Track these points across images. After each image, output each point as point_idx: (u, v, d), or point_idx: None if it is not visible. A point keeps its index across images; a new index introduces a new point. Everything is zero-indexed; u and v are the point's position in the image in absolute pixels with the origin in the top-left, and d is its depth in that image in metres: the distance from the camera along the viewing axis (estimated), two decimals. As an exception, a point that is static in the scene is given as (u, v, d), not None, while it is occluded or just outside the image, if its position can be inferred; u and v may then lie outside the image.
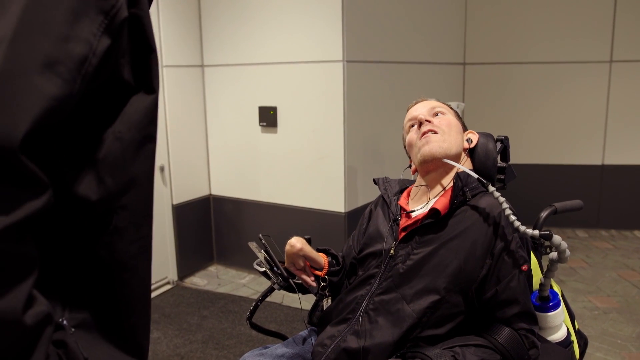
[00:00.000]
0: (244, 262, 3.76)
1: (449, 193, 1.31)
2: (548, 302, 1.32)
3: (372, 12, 3.30)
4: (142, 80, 0.73)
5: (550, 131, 4.58)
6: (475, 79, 4.61)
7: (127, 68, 0.70)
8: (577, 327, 1.56)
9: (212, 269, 3.88)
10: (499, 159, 1.54)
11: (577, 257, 3.97)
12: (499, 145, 1.51)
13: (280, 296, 3.29)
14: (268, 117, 3.43)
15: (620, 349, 2.68)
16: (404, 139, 1.51)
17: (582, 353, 1.53)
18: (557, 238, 1.17)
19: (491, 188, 1.23)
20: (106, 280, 0.77)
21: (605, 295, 3.32)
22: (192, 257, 3.75)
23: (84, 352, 0.75)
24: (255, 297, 3.35)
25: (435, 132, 1.38)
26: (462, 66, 4.56)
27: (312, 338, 1.47)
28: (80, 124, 0.69)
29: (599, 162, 4.53)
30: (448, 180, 1.36)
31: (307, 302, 1.89)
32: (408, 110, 1.52)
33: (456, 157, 1.37)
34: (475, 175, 1.27)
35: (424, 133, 1.39)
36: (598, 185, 4.56)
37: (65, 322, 0.73)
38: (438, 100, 1.52)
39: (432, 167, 1.38)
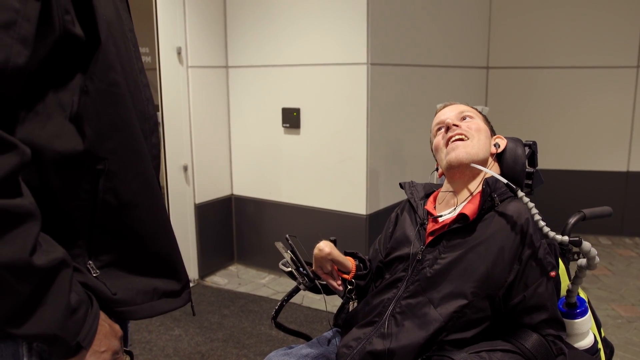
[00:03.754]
0: (265, 262, 3.79)
1: (477, 198, 1.31)
2: (575, 308, 1.31)
3: (396, 15, 3.30)
4: (90, 32, 0.76)
5: (574, 137, 4.53)
6: (499, 83, 4.57)
7: (76, 24, 0.75)
8: (603, 334, 1.55)
9: (233, 268, 3.91)
10: (526, 164, 1.54)
11: (601, 264, 3.92)
12: (527, 150, 1.51)
13: (300, 297, 3.30)
14: (291, 119, 3.45)
15: (645, 358, 2.64)
16: (431, 142, 1.51)
17: (608, 360, 1.52)
18: (586, 244, 1.16)
19: (520, 193, 1.23)
20: (120, 221, 0.83)
21: (630, 304, 3.27)
22: (213, 256, 3.79)
23: (111, 289, 0.82)
24: (275, 297, 3.37)
25: (463, 139, 1.38)
26: (485, 70, 4.54)
27: (337, 339, 1.48)
28: (47, 84, 0.74)
29: (624, 169, 4.47)
30: (475, 185, 1.36)
31: (331, 304, 1.90)
32: (436, 113, 1.52)
33: (483, 162, 1.37)
34: (505, 180, 1.27)
35: (451, 138, 1.39)
36: (622, 192, 4.49)
37: (91, 265, 0.81)
38: (467, 104, 1.52)
39: (459, 173, 1.38)
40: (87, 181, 0.78)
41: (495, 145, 1.44)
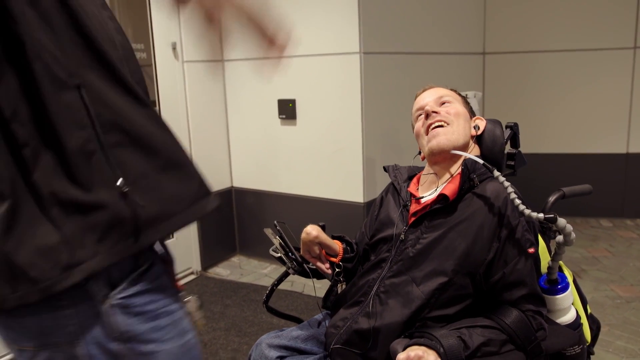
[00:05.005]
0: (266, 252, 3.78)
1: (457, 179, 1.34)
2: (557, 285, 1.34)
3: (388, 3, 3.32)
4: None
5: (573, 120, 4.53)
6: (496, 68, 4.57)
7: None
8: (589, 311, 1.58)
9: (235, 259, 3.95)
10: (509, 145, 1.56)
11: (601, 246, 3.93)
12: (508, 131, 1.53)
13: (302, 285, 3.34)
14: (287, 110, 3.48)
15: (642, 337, 2.67)
16: (413, 127, 1.54)
17: (594, 337, 1.55)
18: (561, 221, 1.19)
19: (496, 173, 1.26)
20: (122, 131, 0.79)
21: (629, 284, 3.29)
22: (215, 248, 3.84)
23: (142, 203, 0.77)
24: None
25: (443, 125, 1.41)
26: (481, 56, 4.54)
27: (327, 321, 1.52)
28: None
29: (623, 151, 4.46)
30: (456, 168, 1.39)
31: (322, 289, 1.94)
32: (416, 97, 1.55)
33: (464, 146, 1.40)
34: (481, 161, 1.30)
35: (431, 125, 1.42)
36: (622, 174, 4.49)
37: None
38: (447, 87, 1.55)
39: (440, 157, 1.41)
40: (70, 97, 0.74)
41: (475, 127, 1.47)
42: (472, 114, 1.50)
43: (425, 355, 1.10)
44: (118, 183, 0.75)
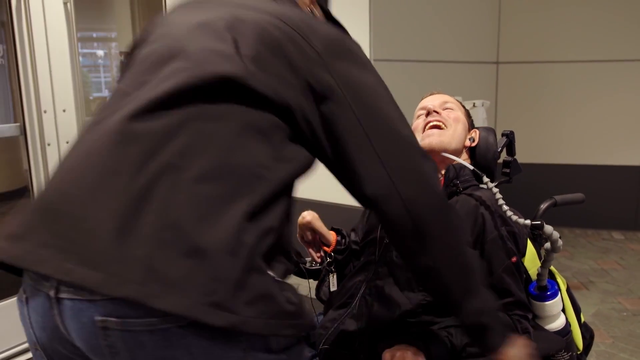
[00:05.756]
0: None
1: (441, 183, 1.35)
2: (546, 291, 1.34)
3: (400, 10, 3.34)
4: None
5: (587, 131, 4.49)
6: (510, 78, 4.56)
7: None
8: (583, 319, 1.57)
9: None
10: (504, 153, 1.57)
11: (611, 259, 3.90)
12: (504, 139, 1.55)
13: (295, 285, 3.36)
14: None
15: (647, 350, 2.64)
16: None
17: (587, 346, 1.55)
18: (548, 228, 1.20)
19: (485, 179, 1.27)
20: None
21: (636, 297, 3.25)
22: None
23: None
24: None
25: (440, 127, 1.43)
26: (495, 65, 4.53)
27: (318, 322, 1.54)
28: None
29: (637, 163, 4.42)
30: (444, 172, 1.41)
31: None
32: (422, 100, 1.58)
33: (455, 152, 1.41)
34: (471, 167, 1.31)
35: (428, 123, 1.44)
36: (637, 187, 4.44)
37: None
38: (453, 97, 1.58)
39: None
40: None
41: (470, 139, 1.49)
42: (471, 126, 1.52)
43: (410, 355, 1.12)
44: None
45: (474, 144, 1.48)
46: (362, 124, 0.87)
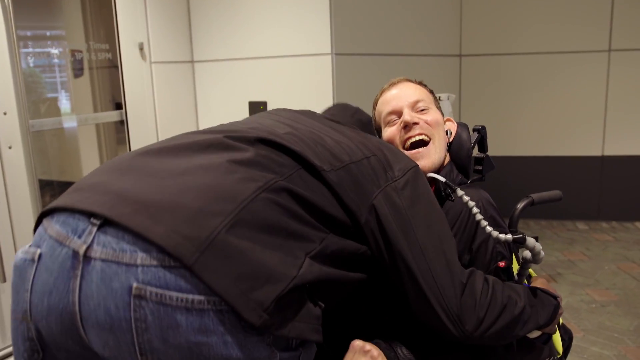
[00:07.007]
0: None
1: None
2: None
3: (361, 4, 3.26)
4: None
5: (549, 122, 4.52)
6: (472, 70, 4.54)
7: None
8: (561, 322, 1.52)
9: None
10: (476, 149, 1.49)
11: (577, 249, 3.92)
12: (475, 135, 1.46)
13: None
14: (258, 112, 3.39)
15: (617, 342, 2.63)
16: (377, 125, 1.45)
17: (567, 348, 1.49)
18: (531, 241, 1.11)
19: (460, 192, 1.16)
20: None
21: (604, 288, 3.26)
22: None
23: None
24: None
25: (425, 142, 1.32)
26: (458, 58, 4.50)
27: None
28: None
29: (598, 153, 4.46)
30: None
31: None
32: (382, 92, 1.47)
33: (443, 157, 1.33)
34: (443, 180, 1.21)
35: (409, 139, 1.32)
36: (598, 177, 4.49)
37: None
38: (415, 81, 1.47)
39: None
40: None
41: (447, 132, 1.40)
42: (441, 113, 1.42)
43: (378, 357, 1.03)
44: None
45: (452, 138, 1.39)
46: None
